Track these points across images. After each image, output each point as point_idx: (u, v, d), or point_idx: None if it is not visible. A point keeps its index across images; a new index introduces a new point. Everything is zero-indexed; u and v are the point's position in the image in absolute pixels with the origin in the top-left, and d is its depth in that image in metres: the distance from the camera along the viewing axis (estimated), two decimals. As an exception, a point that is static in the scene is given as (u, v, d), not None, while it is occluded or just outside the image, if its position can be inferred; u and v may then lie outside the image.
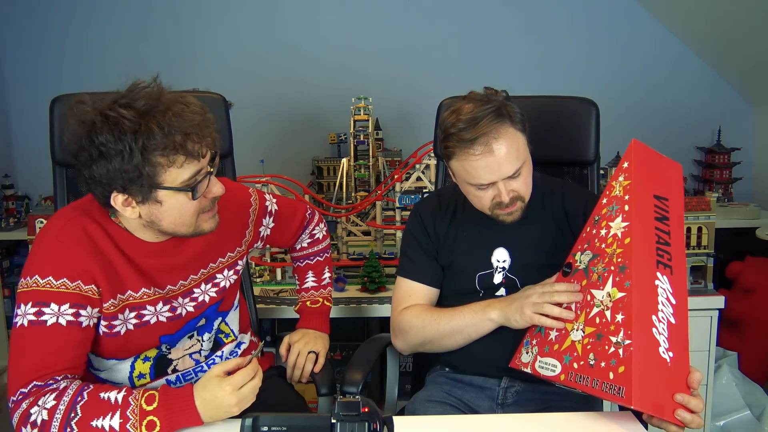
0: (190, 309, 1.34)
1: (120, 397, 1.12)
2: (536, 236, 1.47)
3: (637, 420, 1.14)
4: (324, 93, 3.25)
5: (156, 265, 1.26)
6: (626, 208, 1.21)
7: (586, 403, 1.36)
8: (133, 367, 1.31)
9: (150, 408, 1.11)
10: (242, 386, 1.14)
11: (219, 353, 1.43)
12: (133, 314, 1.24)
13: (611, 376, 1.08)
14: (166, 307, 1.29)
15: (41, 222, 2.30)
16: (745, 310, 2.60)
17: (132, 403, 1.11)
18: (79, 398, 1.11)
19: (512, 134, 1.33)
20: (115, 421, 1.09)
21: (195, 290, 1.34)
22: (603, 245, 1.22)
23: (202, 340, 1.39)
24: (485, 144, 1.30)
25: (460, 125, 1.32)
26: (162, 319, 1.29)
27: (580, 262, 1.25)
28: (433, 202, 1.58)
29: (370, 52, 3.26)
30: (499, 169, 1.33)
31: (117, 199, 1.15)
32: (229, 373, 1.15)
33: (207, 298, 1.36)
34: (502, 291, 1.48)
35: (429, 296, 1.52)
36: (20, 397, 1.11)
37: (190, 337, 1.37)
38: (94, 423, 1.09)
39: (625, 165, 1.26)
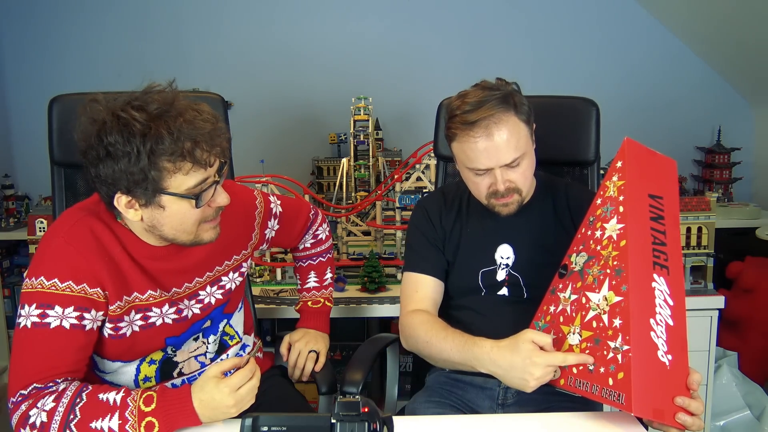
0: (196, 311, 1.34)
1: (119, 398, 1.11)
2: (540, 234, 1.47)
3: (637, 420, 1.14)
4: (324, 93, 3.25)
5: (161, 268, 1.26)
6: (621, 209, 1.20)
7: (586, 403, 1.36)
8: (138, 370, 1.30)
9: (148, 409, 1.10)
10: (240, 387, 1.13)
11: (224, 356, 1.43)
12: (138, 316, 1.24)
13: (610, 382, 1.08)
14: (172, 309, 1.29)
15: (41, 222, 2.30)
16: (745, 310, 2.60)
17: (130, 404, 1.11)
18: (78, 400, 1.11)
19: (515, 123, 1.34)
20: (114, 423, 1.09)
21: (200, 292, 1.34)
22: (598, 247, 1.21)
23: (208, 342, 1.39)
24: (486, 128, 1.31)
25: (465, 107, 1.33)
26: (168, 320, 1.29)
27: (575, 264, 1.25)
28: (438, 198, 1.59)
29: (370, 52, 3.26)
30: (497, 155, 1.33)
31: (120, 200, 1.14)
32: (227, 373, 1.15)
33: (213, 300, 1.36)
34: (504, 290, 1.48)
35: (435, 288, 1.50)
36: (20, 398, 1.11)
37: (195, 339, 1.37)
38: (93, 424, 1.09)
39: (619, 164, 1.26)
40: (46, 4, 3.24)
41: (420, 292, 1.49)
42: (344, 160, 2.66)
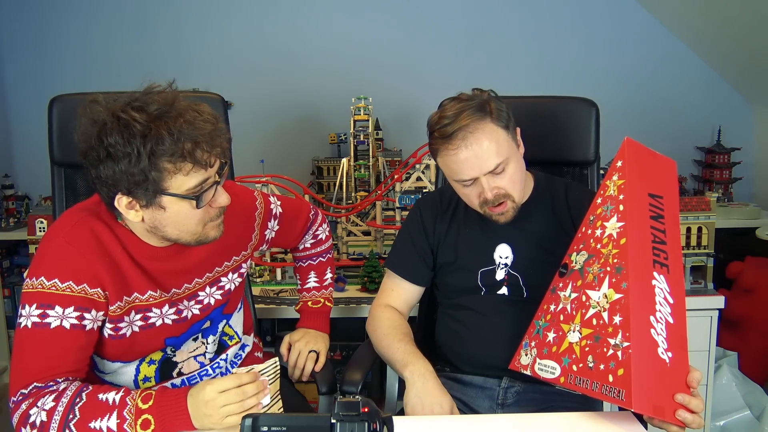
0: (196, 312, 1.34)
1: (117, 397, 1.12)
2: (539, 233, 1.47)
3: (637, 420, 1.14)
4: (324, 93, 3.24)
5: (162, 268, 1.26)
6: (621, 207, 1.20)
7: (587, 403, 1.36)
8: (138, 371, 1.30)
9: (145, 406, 1.11)
10: (225, 391, 1.11)
11: (224, 356, 1.43)
12: (138, 316, 1.24)
13: (611, 378, 1.08)
14: (172, 310, 1.29)
15: (41, 222, 2.30)
16: (745, 310, 2.60)
17: (129, 402, 1.11)
18: (78, 399, 1.11)
19: (492, 129, 1.34)
20: (113, 422, 1.09)
21: (200, 293, 1.34)
22: (598, 245, 1.21)
23: (207, 343, 1.39)
24: (463, 138, 1.32)
25: (443, 122, 1.34)
26: (167, 321, 1.29)
27: (575, 263, 1.25)
28: (435, 199, 1.60)
29: (370, 52, 3.26)
30: (478, 164, 1.34)
31: (121, 201, 1.14)
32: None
33: (212, 301, 1.36)
34: (504, 290, 1.48)
35: (410, 293, 1.59)
36: (20, 398, 1.12)
37: (195, 340, 1.37)
38: (91, 424, 1.09)
39: (619, 164, 1.26)
40: (46, 4, 3.23)
41: (396, 291, 1.58)
42: (344, 160, 2.66)
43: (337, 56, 3.25)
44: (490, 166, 1.34)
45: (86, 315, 1.16)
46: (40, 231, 2.30)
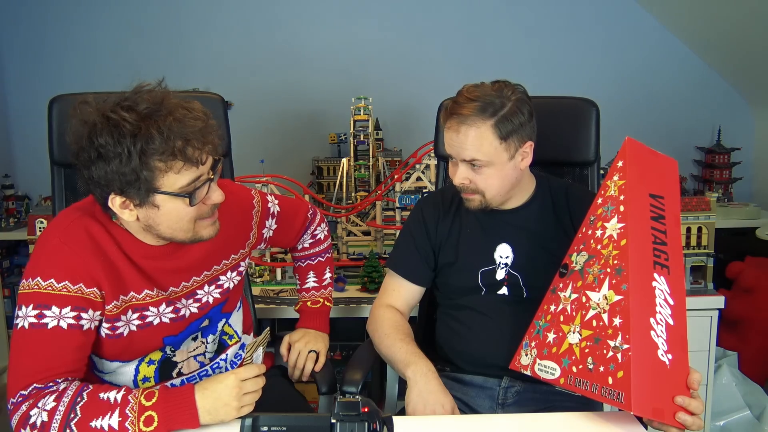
0: (194, 310, 1.33)
1: (119, 396, 1.11)
2: (540, 234, 1.47)
3: (637, 420, 1.14)
4: (324, 93, 3.25)
5: (158, 267, 1.26)
6: (621, 208, 1.20)
7: (587, 403, 1.36)
8: (137, 371, 1.30)
9: (149, 403, 1.10)
10: (246, 380, 1.15)
11: (223, 356, 1.43)
12: (135, 315, 1.24)
13: (610, 381, 1.08)
14: (169, 309, 1.29)
15: (41, 222, 2.30)
16: (745, 310, 2.60)
17: (131, 400, 1.11)
18: (79, 399, 1.10)
19: (484, 131, 1.37)
20: (114, 420, 1.09)
21: (198, 291, 1.34)
22: (599, 246, 1.21)
23: (207, 342, 1.39)
24: (458, 123, 1.39)
25: (457, 98, 1.41)
26: (165, 320, 1.28)
27: (576, 263, 1.25)
28: (437, 199, 1.60)
29: (370, 52, 3.26)
30: (458, 149, 1.40)
31: (115, 201, 1.14)
32: None
33: (210, 299, 1.36)
34: (504, 290, 1.48)
35: (412, 293, 1.59)
36: (20, 399, 1.11)
37: (194, 339, 1.37)
38: (93, 423, 1.09)
39: (620, 164, 1.26)
40: (46, 5, 3.23)
41: (397, 291, 1.59)
42: (344, 160, 2.66)
43: (337, 56, 3.25)
44: (466, 156, 1.40)
45: (83, 315, 1.16)
46: (40, 231, 2.30)
